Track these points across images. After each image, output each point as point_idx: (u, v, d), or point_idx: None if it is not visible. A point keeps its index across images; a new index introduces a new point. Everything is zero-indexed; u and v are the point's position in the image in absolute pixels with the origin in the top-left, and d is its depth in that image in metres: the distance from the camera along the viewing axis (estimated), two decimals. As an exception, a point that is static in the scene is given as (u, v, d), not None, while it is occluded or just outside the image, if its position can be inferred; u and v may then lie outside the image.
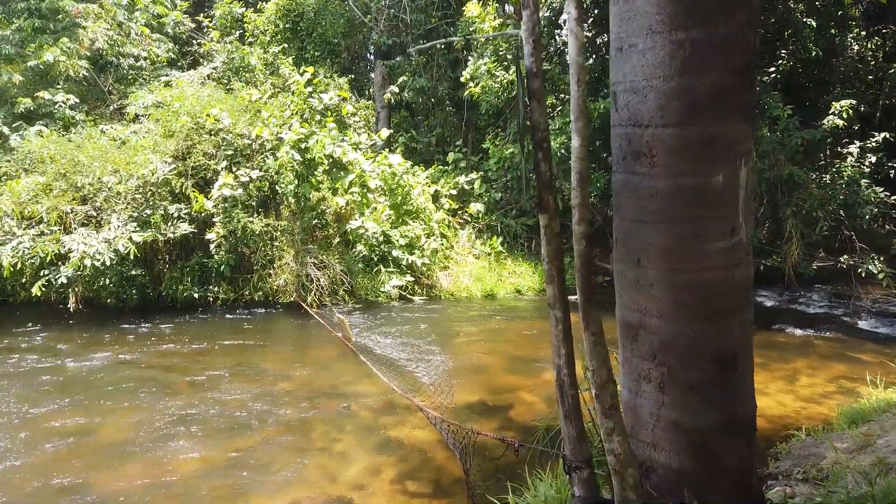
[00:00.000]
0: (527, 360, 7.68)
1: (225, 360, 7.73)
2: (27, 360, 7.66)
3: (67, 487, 4.45)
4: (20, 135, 11.77)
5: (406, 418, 5.71)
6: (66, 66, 12.56)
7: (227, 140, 11.04)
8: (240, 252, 10.79)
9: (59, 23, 13.18)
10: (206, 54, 15.74)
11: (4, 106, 12.61)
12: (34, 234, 9.74)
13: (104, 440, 5.28)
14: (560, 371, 2.67)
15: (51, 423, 5.64)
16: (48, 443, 5.21)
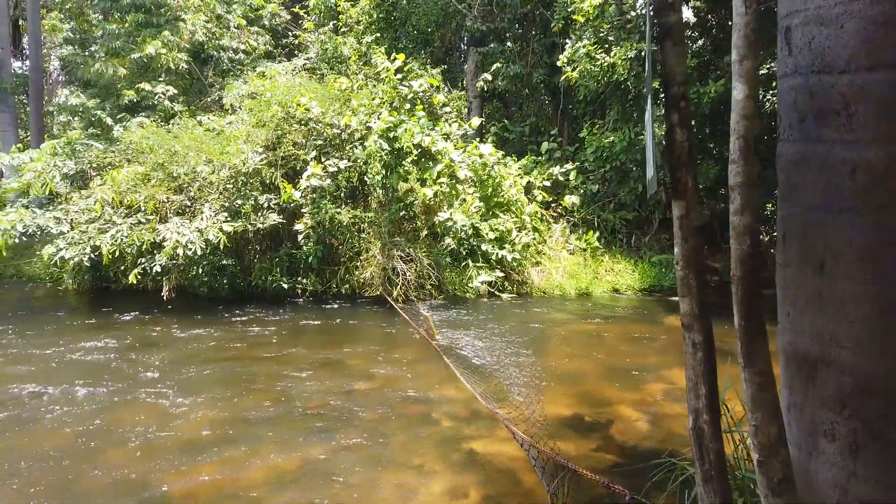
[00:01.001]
0: (627, 368, 6.94)
1: (310, 355, 7.47)
2: (118, 349, 7.71)
3: (136, 485, 4.23)
4: (123, 126, 12.13)
5: (492, 431, 5.16)
6: (166, 58, 12.85)
7: (317, 130, 10.88)
8: (327, 243, 10.61)
9: (162, 16, 13.51)
10: (301, 45, 15.79)
11: (110, 98, 13.06)
12: (132, 223, 9.94)
13: (180, 435, 5.07)
14: (698, 417, 1.94)
15: (129, 414, 5.52)
16: (124, 435, 5.06)
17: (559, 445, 4.60)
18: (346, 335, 8.44)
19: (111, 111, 12.85)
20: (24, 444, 4.88)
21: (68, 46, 16.49)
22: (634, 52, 11.35)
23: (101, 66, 12.98)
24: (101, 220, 10.02)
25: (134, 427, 5.25)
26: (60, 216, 10.12)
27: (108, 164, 11.19)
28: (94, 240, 9.60)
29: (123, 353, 7.48)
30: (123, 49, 13.37)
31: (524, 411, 5.33)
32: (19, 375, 6.62)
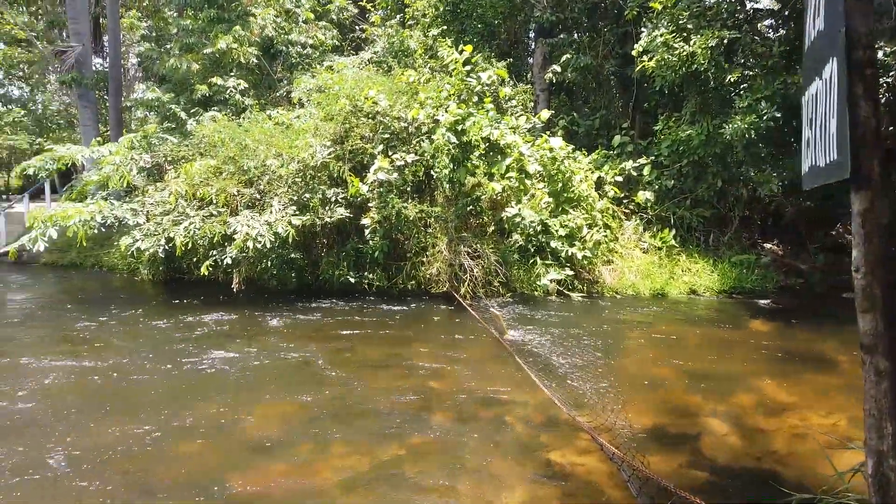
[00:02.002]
0: (711, 376, 6.51)
1: (376, 351, 7.37)
2: (188, 340, 7.80)
3: (206, 480, 4.17)
4: (196, 120, 12.35)
5: (571, 438, 4.89)
6: (237, 53, 13.02)
7: (384, 123, 10.78)
8: (394, 238, 10.51)
9: (233, 11, 13.70)
10: (368, 39, 15.77)
11: (184, 93, 13.34)
12: (204, 216, 10.09)
13: (249, 432, 5.01)
14: (882, 461, 1.58)
15: (199, 405, 5.51)
16: (195, 427, 5.04)
17: (644, 459, 4.30)
18: (414, 332, 8.30)
19: (185, 105, 13.13)
20: (95, 433, 4.92)
21: (145, 43, 17.00)
22: (716, 40, 10.75)
23: (175, 62, 13.29)
24: (175, 213, 10.22)
25: (204, 420, 5.23)
26: (137, 208, 10.37)
27: (181, 158, 11.41)
28: (168, 231, 9.79)
29: (194, 345, 7.56)
30: (197, 45, 13.64)
31: (605, 419, 5.03)
32: (91, 364, 6.75)
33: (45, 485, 4.14)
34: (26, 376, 6.33)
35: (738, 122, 10.46)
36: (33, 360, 6.93)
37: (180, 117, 12.77)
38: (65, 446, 4.68)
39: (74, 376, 6.34)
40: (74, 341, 7.74)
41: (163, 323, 8.61)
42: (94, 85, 17.09)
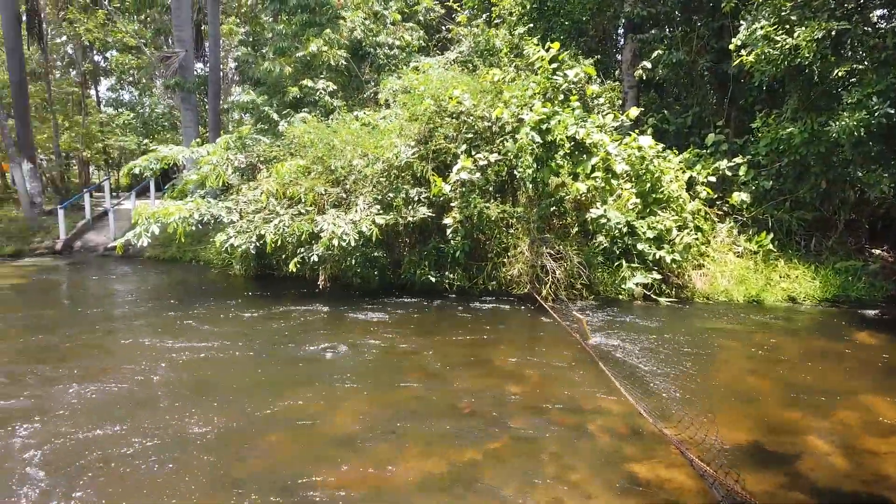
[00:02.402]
0: (812, 390, 6.08)
1: (456, 351, 7.36)
2: (276, 334, 8.07)
3: (287, 473, 4.27)
4: (288, 121, 12.78)
5: (656, 451, 4.68)
6: (327, 55, 13.38)
7: (468, 123, 10.76)
8: (475, 238, 10.49)
9: (324, 15, 14.08)
10: (454, 39, 15.83)
11: (277, 95, 13.84)
12: (293, 214, 10.41)
13: (330, 427, 5.11)
14: None
15: (282, 400, 5.67)
16: (278, 419, 5.19)
17: (739, 478, 4.05)
18: (494, 333, 8.23)
19: (278, 107, 13.63)
20: (187, 420, 5.15)
21: (242, 48, 17.79)
22: (822, 32, 10.05)
23: (269, 65, 13.81)
24: (266, 211, 10.61)
25: (288, 411, 5.38)
26: (231, 206, 10.84)
27: (273, 158, 11.84)
28: (259, 229, 10.17)
29: (281, 339, 7.81)
30: (289, 48, 14.13)
31: (695, 433, 4.79)
32: (186, 354, 7.09)
33: (134, 469, 4.36)
34: (126, 362, 6.74)
35: (846, 119, 9.73)
36: (136, 344, 7.38)
37: (273, 119, 13.26)
38: (156, 431, 4.93)
39: (169, 364, 6.68)
40: (172, 331, 8.18)
41: (253, 317, 8.96)
42: (195, 88, 18.05)
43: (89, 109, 27.10)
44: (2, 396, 5.76)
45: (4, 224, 17.91)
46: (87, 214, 17.98)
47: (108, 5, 22.50)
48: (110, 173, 30.31)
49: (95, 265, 14.83)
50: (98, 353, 7.29)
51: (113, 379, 6.24)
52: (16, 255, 15.93)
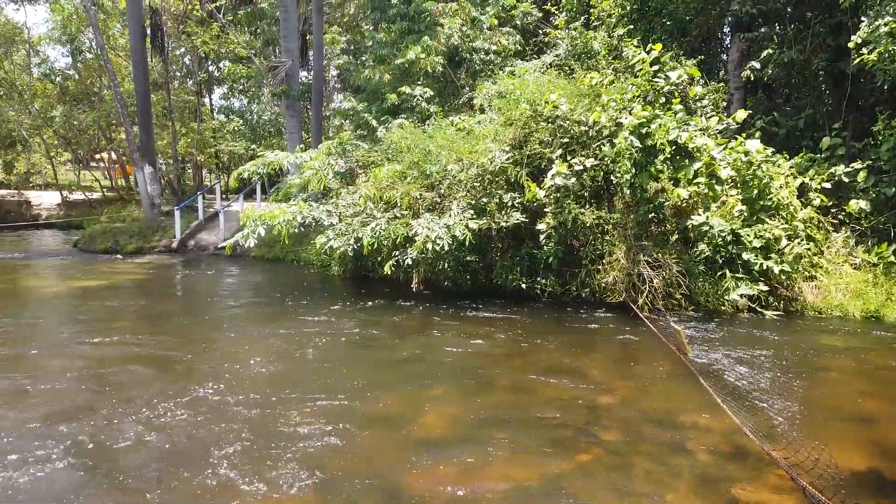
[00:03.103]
0: (941, 418, 5.56)
1: (546, 358, 7.29)
2: (370, 335, 8.30)
3: (377, 476, 4.37)
4: (386, 127, 13.12)
5: (762, 474, 4.44)
6: (425, 62, 13.61)
7: (564, 127, 10.64)
8: (569, 244, 10.34)
9: (422, 23, 14.35)
10: (551, 43, 15.70)
11: (376, 102, 14.24)
12: (389, 218, 10.67)
13: (420, 429, 5.19)
14: None
15: (375, 400, 5.81)
16: (368, 420, 5.32)
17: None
18: (586, 341, 8.08)
19: (376, 114, 14.02)
20: (276, 419, 5.38)
21: (344, 56, 18.44)
22: (958, 25, 9.18)
23: (369, 73, 14.24)
24: (364, 214, 10.92)
25: (379, 412, 5.51)
26: (331, 209, 11.25)
27: (371, 163, 12.20)
28: (357, 232, 10.49)
29: (375, 338, 8.02)
30: (388, 56, 14.50)
31: (805, 456, 4.50)
32: (286, 349, 7.42)
33: (231, 464, 4.62)
34: (226, 355, 7.15)
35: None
36: (237, 338, 7.81)
37: (371, 125, 13.65)
38: (251, 427, 5.20)
39: (265, 360, 7.02)
40: (271, 329, 8.59)
41: (348, 317, 9.26)
42: (299, 96, 18.88)
43: (203, 116, 28.94)
44: (142, 378, 6.28)
45: (128, 223, 19.45)
46: (199, 215, 19.21)
47: (222, 18, 23.94)
48: (221, 176, 32.20)
49: (206, 263, 15.81)
50: (204, 346, 7.77)
51: (214, 371, 6.63)
52: (137, 252, 17.26)
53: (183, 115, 27.06)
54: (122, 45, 24.48)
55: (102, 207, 24.58)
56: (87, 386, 6.20)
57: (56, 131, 26.08)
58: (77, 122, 25.10)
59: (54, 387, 6.15)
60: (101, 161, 32.58)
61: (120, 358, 7.19)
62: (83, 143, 27.86)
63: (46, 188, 30.90)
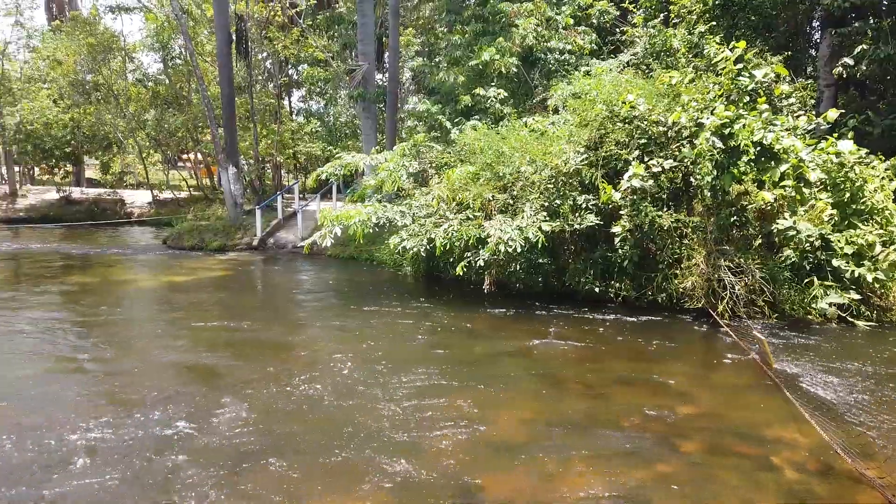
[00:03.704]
0: None
1: (622, 365, 7.17)
2: (439, 333, 8.38)
3: (454, 479, 4.42)
4: (459, 129, 13.21)
5: (853, 494, 4.22)
6: (499, 64, 13.61)
7: (641, 128, 10.40)
8: (645, 248, 10.10)
9: (497, 24, 14.36)
10: (628, 41, 15.38)
11: (450, 104, 14.35)
12: (461, 219, 10.73)
13: (492, 434, 5.20)
14: None
15: (448, 402, 5.87)
16: (443, 422, 5.38)
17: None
18: (663, 348, 7.89)
19: (450, 115, 14.13)
20: (348, 415, 5.52)
21: (418, 59, 18.68)
22: None
23: (444, 75, 14.37)
24: (437, 216, 11.04)
25: (451, 413, 5.56)
26: (405, 210, 11.42)
27: (444, 164, 12.30)
28: (429, 232, 10.61)
29: (446, 339, 8.10)
30: (462, 58, 14.59)
31: None
32: (352, 351, 7.60)
33: (312, 459, 4.77)
34: (301, 349, 7.39)
35: None
36: (312, 335, 8.06)
37: (445, 126, 13.77)
38: (327, 424, 5.35)
39: (339, 357, 7.21)
40: (345, 326, 8.82)
41: (420, 316, 9.39)
42: (375, 99, 19.24)
43: (283, 118, 29.93)
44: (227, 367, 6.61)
45: (212, 222, 20.37)
46: (279, 214, 19.90)
47: (302, 23, 24.70)
48: (298, 176, 33.23)
49: (284, 260, 16.38)
50: (281, 342, 8.06)
51: (290, 367, 6.87)
52: (220, 249, 18.06)
53: (264, 118, 28.08)
54: (209, 51, 25.64)
55: (189, 206, 25.83)
56: (183, 371, 6.56)
57: (148, 133, 27.62)
58: (167, 124, 26.48)
59: (157, 373, 6.55)
60: (187, 161, 34.24)
61: (209, 348, 7.57)
62: (172, 145, 29.38)
63: (138, 187, 32.76)
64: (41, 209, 26.37)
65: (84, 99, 27.39)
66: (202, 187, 30.14)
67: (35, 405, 5.68)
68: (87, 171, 37.18)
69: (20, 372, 6.67)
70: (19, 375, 6.55)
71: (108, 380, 6.46)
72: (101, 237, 21.53)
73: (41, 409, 5.57)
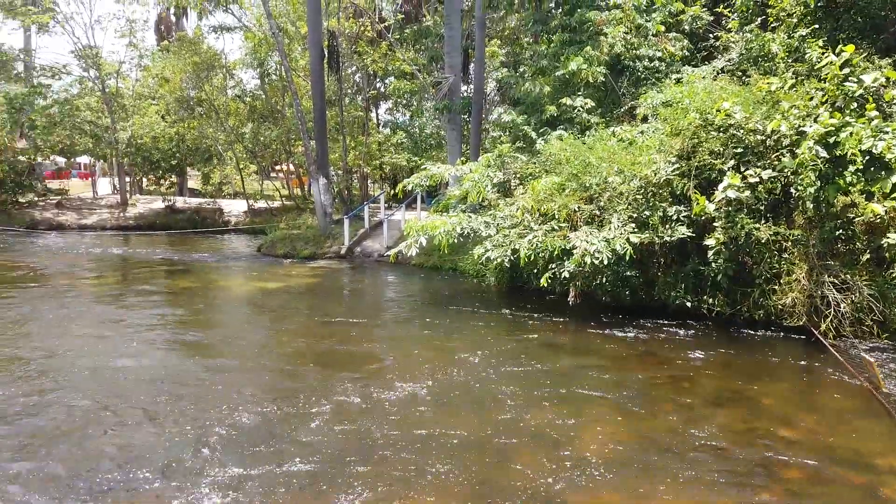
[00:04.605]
0: None
1: (713, 383, 6.89)
2: (522, 345, 8.33)
3: (540, 494, 4.39)
4: (544, 139, 13.14)
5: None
6: (586, 73, 13.45)
7: (737, 136, 9.99)
8: (740, 262, 9.67)
9: (584, 33, 14.20)
10: (723, 47, 14.81)
11: (535, 114, 14.29)
12: (546, 230, 10.65)
13: (577, 451, 5.12)
14: None
15: (527, 417, 5.82)
16: (528, 437, 5.35)
17: None
18: (760, 367, 7.51)
19: (535, 126, 14.07)
20: (434, 426, 5.56)
21: (503, 69, 18.73)
22: None
23: (529, 85, 14.34)
24: (521, 226, 11.00)
25: (534, 428, 5.52)
26: (489, 221, 11.45)
27: (529, 175, 12.25)
28: (514, 243, 10.58)
29: (527, 352, 8.05)
30: (548, 68, 14.51)
31: None
32: (435, 361, 7.66)
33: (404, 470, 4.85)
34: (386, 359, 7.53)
35: None
36: (396, 344, 8.21)
37: (530, 137, 13.72)
38: (415, 433, 5.42)
39: (422, 367, 7.29)
40: (429, 335, 8.93)
41: (503, 327, 9.39)
42: (460, 110, 19.44)
43: (370, 130, 30.76)
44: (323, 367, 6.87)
45: (303, 230, 21.15)
46: (365, 224, 20.42)
47: (391, 37, 25.34)
48: (384, 187, 34.02)
49: (370, 269, 16.78)
50: (365, 347, 8.25)
51: (371, 377, 7.01)
52: (310, 257, 18.71)
53: (352, 130, 28.94)
54: (302, 66, 26.72)
55: (281, 215, 26.95)
56: (275, 373, 6.87)
57: (245, 146, 29.07)
58: (263, 137, 27.79)
59: (253, 373, 6.88)
60: (280, 172, 35.77)
61: (298, 354, 7.87)
62: (266, 156, 30.79)
63: (235, 197, 34.49)
64: (148, 217, 28.23)
65: (188, 114, 29.18)
66: (293, 197, 31.36)
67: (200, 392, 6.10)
68: (189, 181, 39.53)
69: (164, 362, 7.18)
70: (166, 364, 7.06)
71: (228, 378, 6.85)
72: (201, 244, 22.80)
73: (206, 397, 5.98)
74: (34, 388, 6.41)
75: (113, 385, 6.59)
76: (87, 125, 28.69)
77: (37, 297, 11.57)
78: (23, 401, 6.03)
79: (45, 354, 7.61)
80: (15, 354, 7.61)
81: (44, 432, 5.32)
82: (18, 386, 6.45)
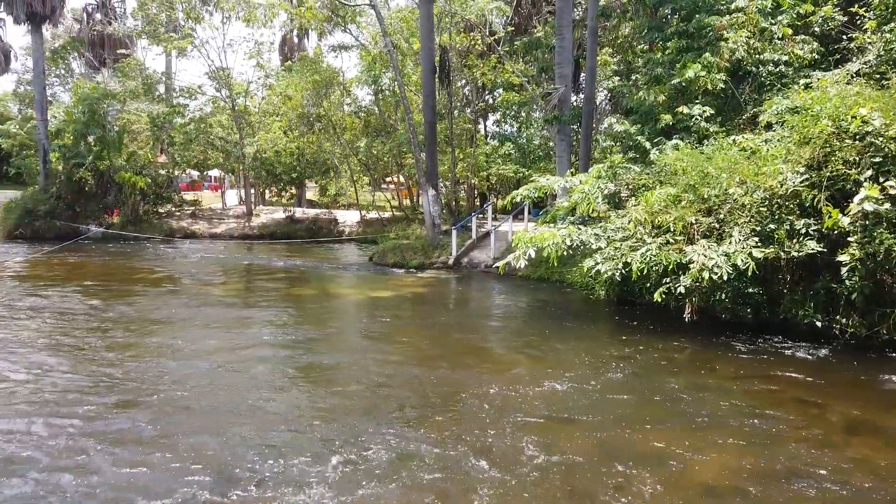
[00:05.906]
0: None
1: (846, 409, 6.42)
2: (632, 364, 8.10)
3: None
4: (659, 149, 12.74)
5: None
6: (705, 80, 12.94)
7: (876, 145, 9.23)
8: (879, 280, 8.90)
9: (703, 39, 13.67)
10: (857, 49, 13.74)
11: (649, 123, 13.90)
12: (661, 243, 10.31)
13: (696, 477, 4.91)
14: None
15: (640, 438, 5.65)
16: (638, 461, 5.20)
17: None
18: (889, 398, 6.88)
19: (649, 135, 13.67)
20: (548, 445, 5.51)
21: (615, 78, 18.35)
22: None
23: (643, 94, 13.97)
24: (633, 239, 10.71)
25: (649, 450, 5.35)
26: (599, 233, 11.25)
27: (642, 186, 11.91)
28: (625, 256, 10.33)
29: (640, 370, 7.82)
30: (663, 76, 14.07)
31: None
32: (543, 379, 7.59)
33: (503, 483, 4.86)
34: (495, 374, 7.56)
35: None
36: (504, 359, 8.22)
37: (644, 147, 13.34)
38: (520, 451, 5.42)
39: (537, 381, 7.26)
40: (535, 351, 8.88)
41: (613, 344, 9.19)
42: (570, 121, 19.24)
43: (477, 142, 31.08)
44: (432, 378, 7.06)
45: (412, 241, 21.68)
46: (473, 235, 20.63)
47: (500, 50, 25.53)
48: (490, 198, 34.22)
49: (477, 279, 16.92)
50: (472, 360, 8.33)
51: (481, 390, 7.06)
52: (419, 267, 19.16)
53: (461, 142, 29.36)
54: (414, 81, 27.48)
55: (391, 225, 27.77)
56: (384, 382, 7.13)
57: (359, 159, 30.31)
58: (376, 150, 28.85)
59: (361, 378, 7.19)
60: (391, 183, 36.91)
61: (402, 362, 8.11)
62: (378, 169, 31.93)
63: (349, 208, 35.97)
64: (270, 227, 30.01)
65: (308, 129, 30.86)
66: (403, 208, 32.23)
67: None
68: (307, 192, 41.66)
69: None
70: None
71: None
72: (317, 253, 23.94)
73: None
74: (186, 369, 7.04)
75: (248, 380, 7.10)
76: (218, 141, 31.09)
77: (179, 301, 12.66)
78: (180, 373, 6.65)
79: (193, 349, 8.35)
80: (169, 344, 8.44)
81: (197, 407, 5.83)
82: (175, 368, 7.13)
